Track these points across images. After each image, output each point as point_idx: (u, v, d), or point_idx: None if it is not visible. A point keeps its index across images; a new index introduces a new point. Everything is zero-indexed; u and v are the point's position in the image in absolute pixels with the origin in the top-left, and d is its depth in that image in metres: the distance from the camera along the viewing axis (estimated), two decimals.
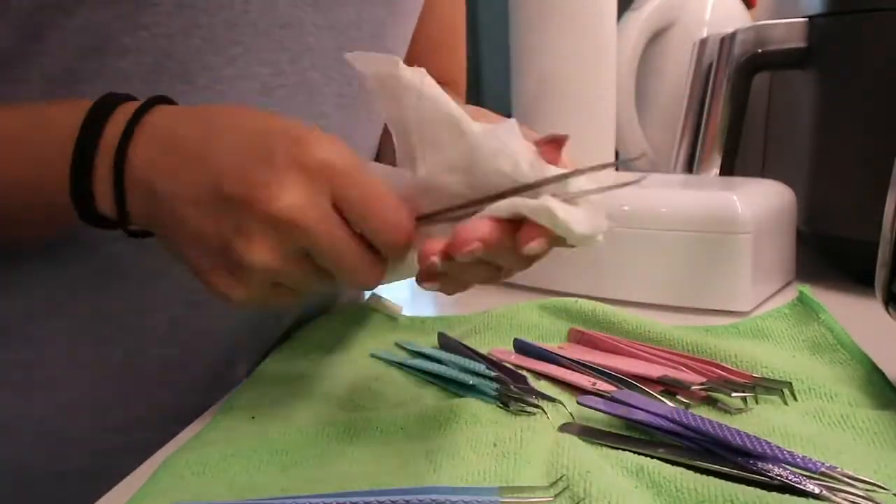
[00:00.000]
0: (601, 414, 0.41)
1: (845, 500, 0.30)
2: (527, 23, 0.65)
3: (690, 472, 0.32)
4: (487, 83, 1.70)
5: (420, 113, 0.36)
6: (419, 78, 0.35)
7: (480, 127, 0.35)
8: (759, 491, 0.30)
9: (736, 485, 0.31)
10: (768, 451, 0.32)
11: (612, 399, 0.40)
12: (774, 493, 0.30)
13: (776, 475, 0.32)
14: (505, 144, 0.34)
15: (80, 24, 0.42)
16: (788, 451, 0.32)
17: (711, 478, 0.32)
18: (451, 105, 0.35)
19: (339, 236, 0.35)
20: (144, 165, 0.37)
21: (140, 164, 0.37)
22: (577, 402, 0.40)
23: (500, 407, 0.41)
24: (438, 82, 0.36)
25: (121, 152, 0.37)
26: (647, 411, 0.38)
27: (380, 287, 0.61)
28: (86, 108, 0.38)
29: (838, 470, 0.31)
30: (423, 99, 0.35)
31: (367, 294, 0.61)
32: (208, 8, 0.44)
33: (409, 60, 0.36)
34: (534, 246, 0.34)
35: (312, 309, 0.57)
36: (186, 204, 0.36)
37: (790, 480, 0.31)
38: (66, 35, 0.42)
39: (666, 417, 0.37)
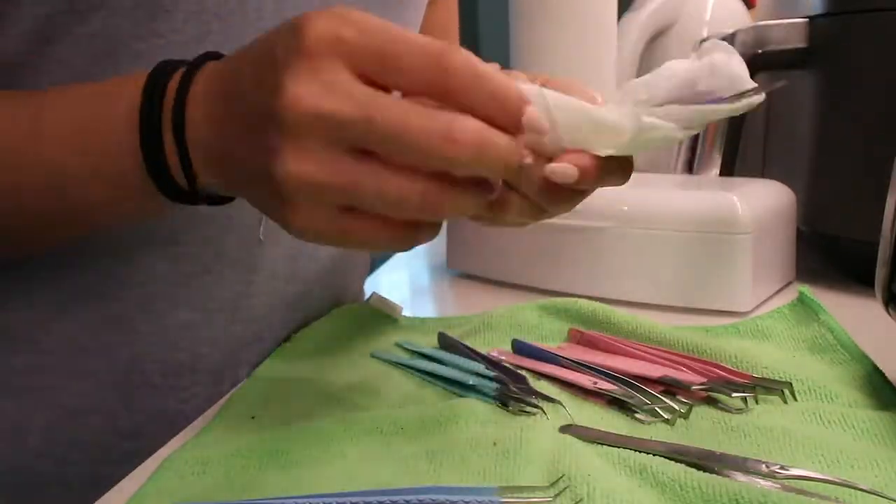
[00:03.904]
0: (601, 414, 0.41)
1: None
2: (527, 23, 0.65)
3: (694, 471, 0.32)
4: None
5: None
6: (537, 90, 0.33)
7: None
8: (763, 489, 0.30)
9: (740, 483, 0.31)
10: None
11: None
12: (779, 492, 0.30)
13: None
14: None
15: (93, 31, 0.41)
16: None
17: (715, 476, 0.32)
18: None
19: (373, 105, 0.29)
20: (199, 121, 0.35)
21: (196, 122, 0.35)
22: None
23: (499, 407, 0.41)
24: None
25: (179, 114, 0.35)
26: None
27: (380, 288, 0.61)
28: (142, 82, 0.36)
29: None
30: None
31: (368, 294, 0.61)
32: (221, 15, 0.44)
33: None
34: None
35: (313, 311, 0.57)
36: (232, 142, 0.34)
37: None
38: (79, 42, 0.41)
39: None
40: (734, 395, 0.40)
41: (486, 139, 0.30)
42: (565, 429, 0.38)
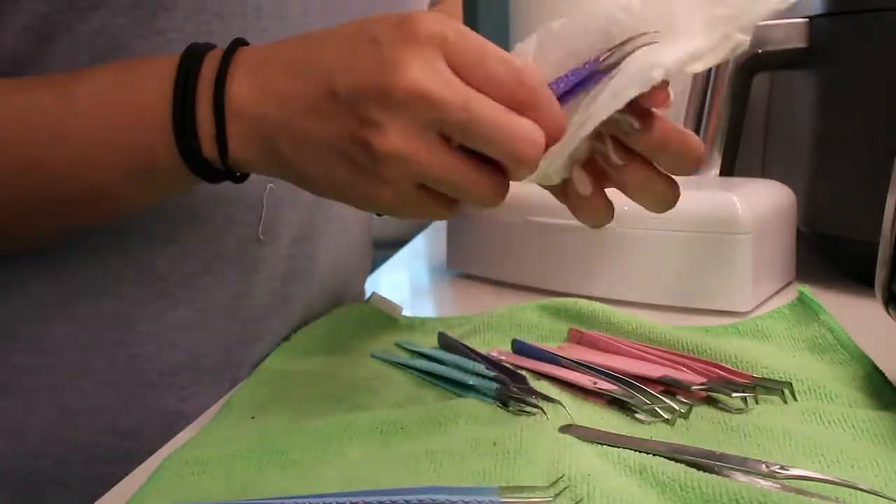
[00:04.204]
0: (601, 414, 0.41)
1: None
2: (527, 23, 0.65)
3: (694, 471, 0.32)
4: None
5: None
6: None
7: None
8: (763, 489, 0.30)
9: (740, 483, 0.31)
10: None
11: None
12: (780, 492, 0.30)
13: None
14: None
15: (93, 29, 0.42)
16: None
17: (715, 476, 0.32)
18: None
19: (472, 97, 0.33)
20: (248, 98, 0.36)
21: (243, 98, 0.36)
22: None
23: (499, 407, 0.41)
24: None
25: (219, 88, 0.36)
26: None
27: (380, 288, 0.61)
28: (176, 60, 0.38)
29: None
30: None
31: (368, 294, 0.61)
32: (221, 14, 0.44)
33: None
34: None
35: (313, 311, 0.58)
36: (303, 117, 0.35)
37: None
38: (79, 40, 0.42)
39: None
40: (734, 395, 0.40)
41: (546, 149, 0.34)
42: (565, 429, 0.38)
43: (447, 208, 0.37)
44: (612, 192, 0.40)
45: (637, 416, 0.40)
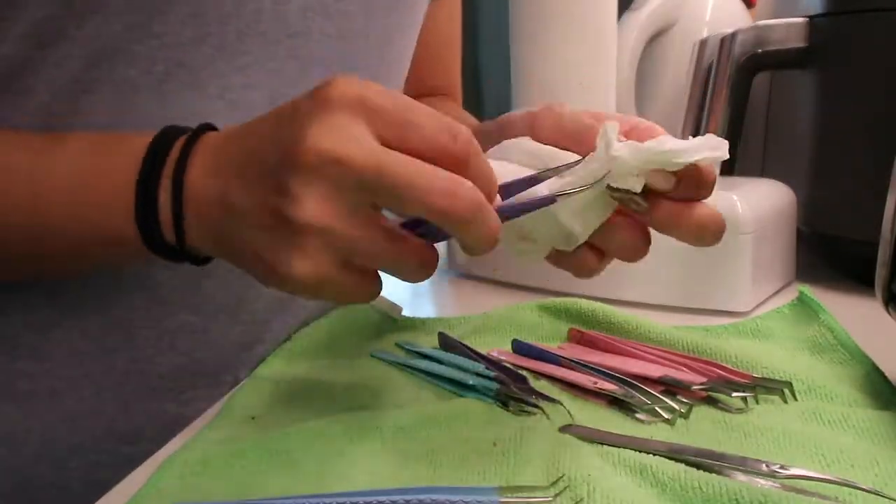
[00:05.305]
0: (601, 414, 0.41)
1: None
2: (527, 24, 0.65)
3: (694, 471, 0.32)
4: (488, 85, 1.70)
5: None
6: None
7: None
8: (763, 489, 0.30)
9: (740, 483, 0.31)
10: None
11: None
12: (780, 491, 0.30)
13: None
14: None
15: (90, 34, 0.41)
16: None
17: (715, 476, 0.32)
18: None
19: (383, 155, 0.31)
20: (198, 181, 0.36)
21: (194, 180, 0.36)
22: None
23: (499, 407, 0.41)
24: (435, 92, 0.37)
25: (179, 175, 0.36)
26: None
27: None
28: (144, 145, 0.38)
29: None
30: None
31: None
32: (219, 17, 0.44)
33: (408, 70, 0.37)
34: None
35: (313, 313, 0.57)
36: (231, 188, 0.35)
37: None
38: (75, 44, 0.41)
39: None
40: (734, 395, 0.40)
41: (482, 203, 0.32)
42: (565, 429, 0.38)
43: (371, 285, 0.35)
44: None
45: (637, 416, 0.40)
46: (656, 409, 0.40)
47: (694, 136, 0.36)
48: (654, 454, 0.35)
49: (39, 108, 0.42)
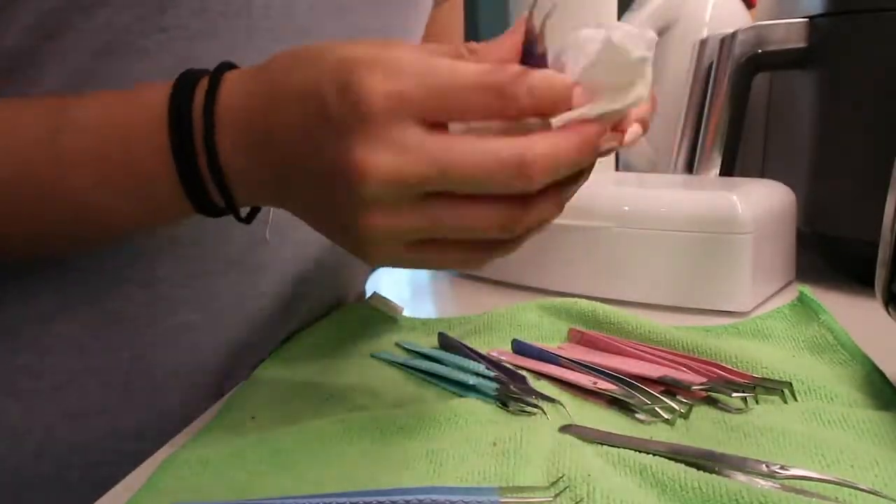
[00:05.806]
0: (601, 414, 0.41)
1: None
2: None
3: (694, 471, 0.32)
4: None
5: None
6: None
7: None
8: (763, 489, 0.30)
9: (740, 483, 0.31)
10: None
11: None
12: (779, 492, 0.30)
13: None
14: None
15: (98, 26, 0.41)
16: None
17: (715, 476, 0.32)
18: None
19: (445, 156, 0.30)
20: (231, 150, 0.35)
21: (227, 149, 0.35)
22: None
23: (499, 407, 0.41)
24: None
25: (210, 140, 0.35)
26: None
27: (380, 288, 0.61)
28: (164, 108, 0.36)
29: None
30: None
31: (368, 294, 0.61)
32: (227, 12, 0.44)
33: None
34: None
35: (315, 312, 0.57)
36: (280, 188, 0.35)
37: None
38: (83, 37, 0.41)
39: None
40: (734, 395, 0.40)
41: (558, 156, 0.31)
42: (565, 429, 0.38)
43: (477, 253, 0.34)
44: (612, 192, 0.40)
45: (637, 416, 0.40)
46: (656, 409, 0.40)
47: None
48: (654, 454, 0.35)
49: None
